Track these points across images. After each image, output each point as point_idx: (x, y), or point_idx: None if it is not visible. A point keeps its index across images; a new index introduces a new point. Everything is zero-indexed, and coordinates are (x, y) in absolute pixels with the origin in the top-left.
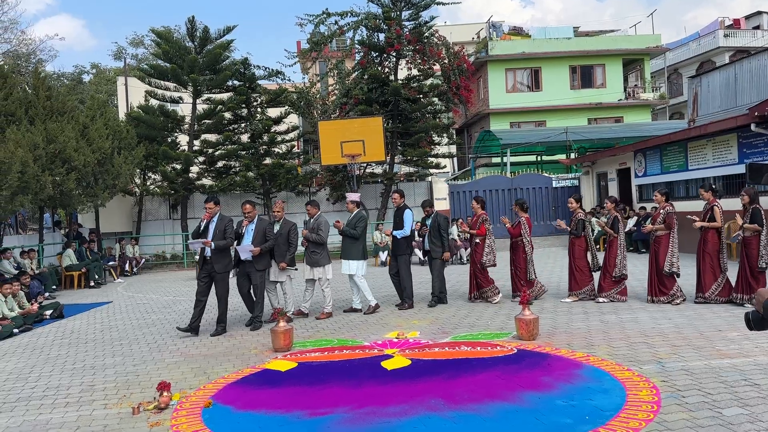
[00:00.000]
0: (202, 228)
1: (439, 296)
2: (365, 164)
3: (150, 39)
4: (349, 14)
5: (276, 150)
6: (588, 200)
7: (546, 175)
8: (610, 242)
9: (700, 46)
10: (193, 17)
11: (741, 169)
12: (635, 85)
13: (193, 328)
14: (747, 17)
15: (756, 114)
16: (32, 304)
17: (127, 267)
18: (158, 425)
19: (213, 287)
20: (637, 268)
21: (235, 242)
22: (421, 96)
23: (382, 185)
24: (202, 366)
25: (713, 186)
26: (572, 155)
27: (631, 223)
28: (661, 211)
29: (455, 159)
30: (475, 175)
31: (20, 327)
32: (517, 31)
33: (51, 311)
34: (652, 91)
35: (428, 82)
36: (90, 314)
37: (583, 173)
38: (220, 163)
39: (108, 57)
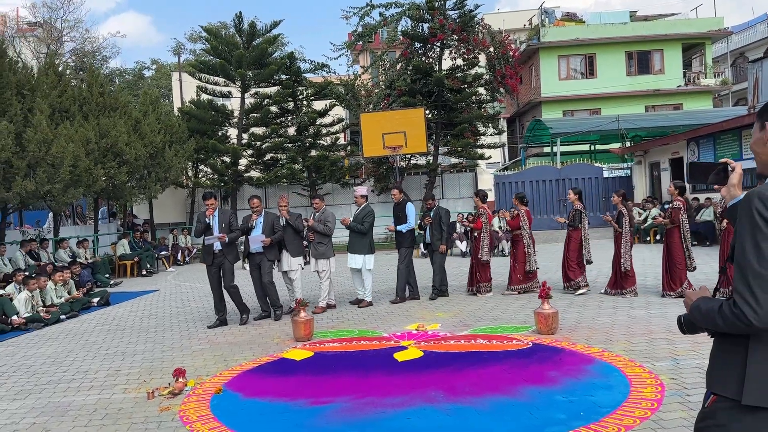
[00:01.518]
0: (210, 223)
1: (440, 289)
2: (409, 155)
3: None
4: (393, 5)
5: (321, 142)
6: (640, 191)
7: (597, 165)
8: (616, 237)
9: None
10: (240, 13)
11: None
12: (699, 71)
13: (221, 321)
14: None
15: None
16: (78, 291)
17: (179, 256)
18: (168, 410)
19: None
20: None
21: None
22: (465, 86)
23: (426, 177)
24: (225, 354)
25: None
26: (627, 144)
27: None
28: (669, 205)
29: (506, 149)
30: (525, 165)
31: (67, 313)
32: (571, 17)
33: (98, 299)
34: (714, 76)
35: (473, 71)
36: (135, 302)
37: (636, 163)
38: (267, 156)
39: (168, 53)
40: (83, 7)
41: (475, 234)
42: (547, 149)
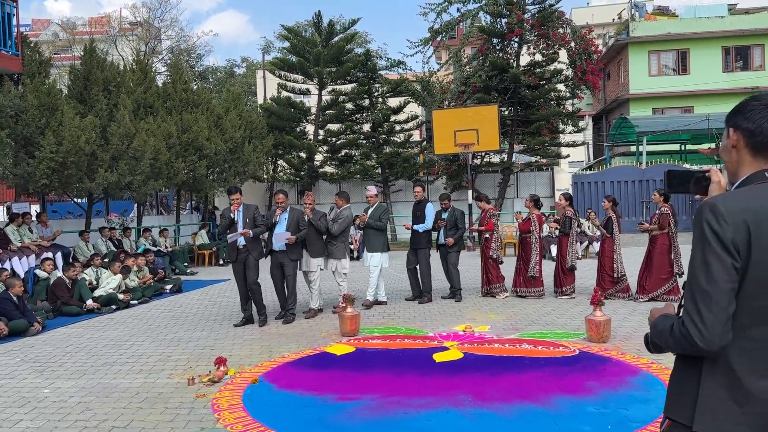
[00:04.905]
0: (234, 219)
1: (455, 289)
2: (483, 153)
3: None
4: (471, 1)
5: (395, 139)
6: None
7: (685, 166)
8: (603, 242)
9: None
10: (319, 12)
11: None
12: None
13: (247, 319)
14: None
15: None
16: (150, 277)
17: None
18: (203, 397)
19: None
20: None
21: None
22: (543, 82)
23: (500, 175)
24: (271, 344)
25: None
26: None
27: None
28: (657, 211)
29: (590, 147)
30: (609, 164)
31: (139, 299)
32: (663, 11)
33: (171, 285)
34: None
35: (551, 67)
36: (204, 290)
37: None
38: (342, 152)
39: (257, 51)
40: (179, 6)
41: (486, 235)
42: (634, 148)
